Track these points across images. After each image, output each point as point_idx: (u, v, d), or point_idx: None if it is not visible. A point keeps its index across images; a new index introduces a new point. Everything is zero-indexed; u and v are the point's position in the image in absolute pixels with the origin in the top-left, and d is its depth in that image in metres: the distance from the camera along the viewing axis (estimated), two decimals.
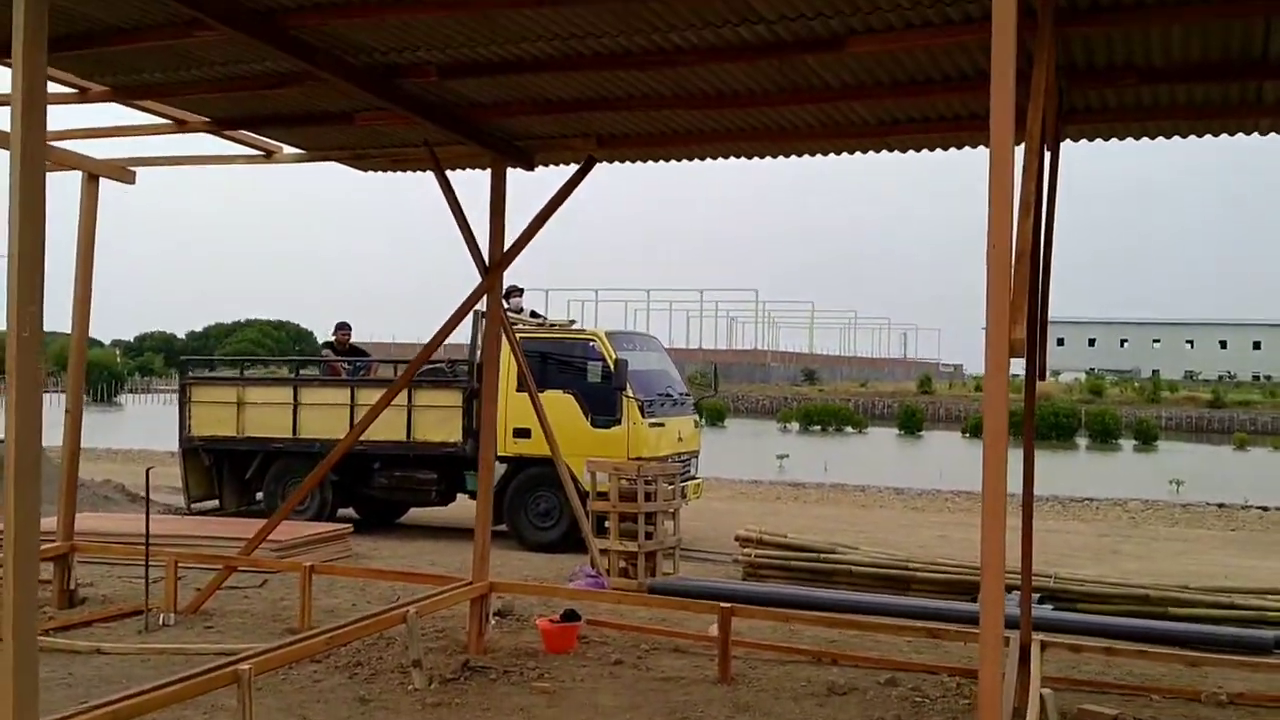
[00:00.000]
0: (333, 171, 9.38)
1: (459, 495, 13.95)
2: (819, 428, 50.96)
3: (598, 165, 8.66)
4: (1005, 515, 3.73)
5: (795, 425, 51.90)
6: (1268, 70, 6.44)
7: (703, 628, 8.52)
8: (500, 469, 12.59)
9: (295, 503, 9.32)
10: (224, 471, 14.59)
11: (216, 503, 14.76)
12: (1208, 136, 7.82)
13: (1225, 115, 7.30)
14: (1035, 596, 9.60)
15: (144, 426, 34.46)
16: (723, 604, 7.78)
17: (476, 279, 8.47)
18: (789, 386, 73.33)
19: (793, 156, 8.62)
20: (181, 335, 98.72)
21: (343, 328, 15.22)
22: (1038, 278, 6.91)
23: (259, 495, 14.56)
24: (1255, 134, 7.67)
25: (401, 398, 12.71)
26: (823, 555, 11.03)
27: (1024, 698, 6.25)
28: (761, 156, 8.64)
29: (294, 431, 13.88)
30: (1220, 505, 20.13)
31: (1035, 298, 6.90)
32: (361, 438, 9.07)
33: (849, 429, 50.92)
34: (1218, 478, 27.78)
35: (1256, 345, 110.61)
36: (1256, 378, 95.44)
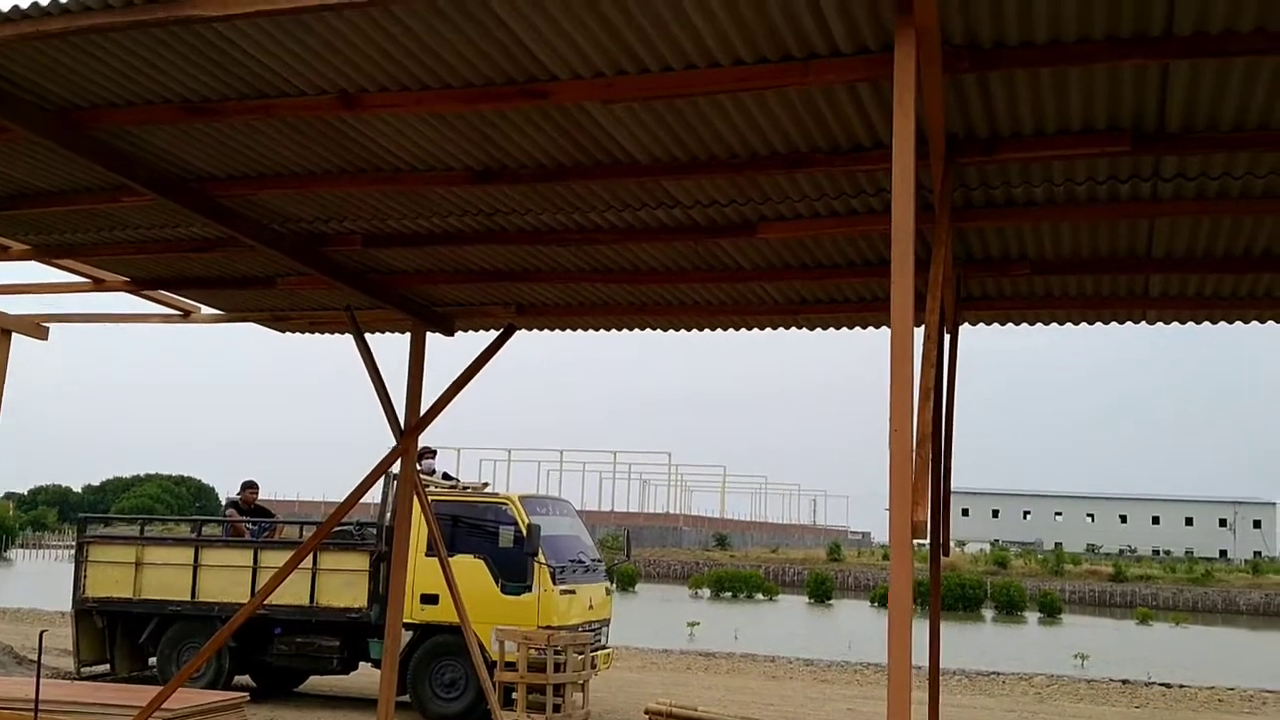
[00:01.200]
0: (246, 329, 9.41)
1: (361, 663, 13.55)
2: (730, 594, 50.55)
3: (517, 331, 8.84)
4: (910, 692, 3.80)
5: (707, 591, 51.43)
6: (1153, 265, 6.88)
7: None
8: (406, 636, 12.31)
9: (192, 670, 8.98)
10: (117, 634, 14.02)
11: (108, 667, 14.12)
12: (1098, 324, 8.27)
13: (1115, 305, 7.74)
14: None
15: (35, 584, 32.99)
16: None
17: (389, 437, 8.48)
18: (701, 551, 73.00)
19: (705, 330, 8.89)
20: (78, 489, 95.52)
21: (249, 486, 14.95)
22: (940, 456, 7.16)
23: (152, 660, 13.98)
24: (1144, 323, 8.12)
25: (306, 560, 12.44)
26: None
27: None
28: (675, 329, 8.91)
29: (193, 594, 13.45)
30: (1124, 681, 20.28)
31: (938, 476, 7.13)
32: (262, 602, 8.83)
33: (760, 595, 50.60)
34: (1121, 653, 28.08)
35: (1155, 520, 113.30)
36: (1156, 552, 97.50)
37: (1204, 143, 5.03)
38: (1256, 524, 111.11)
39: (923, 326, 4.61)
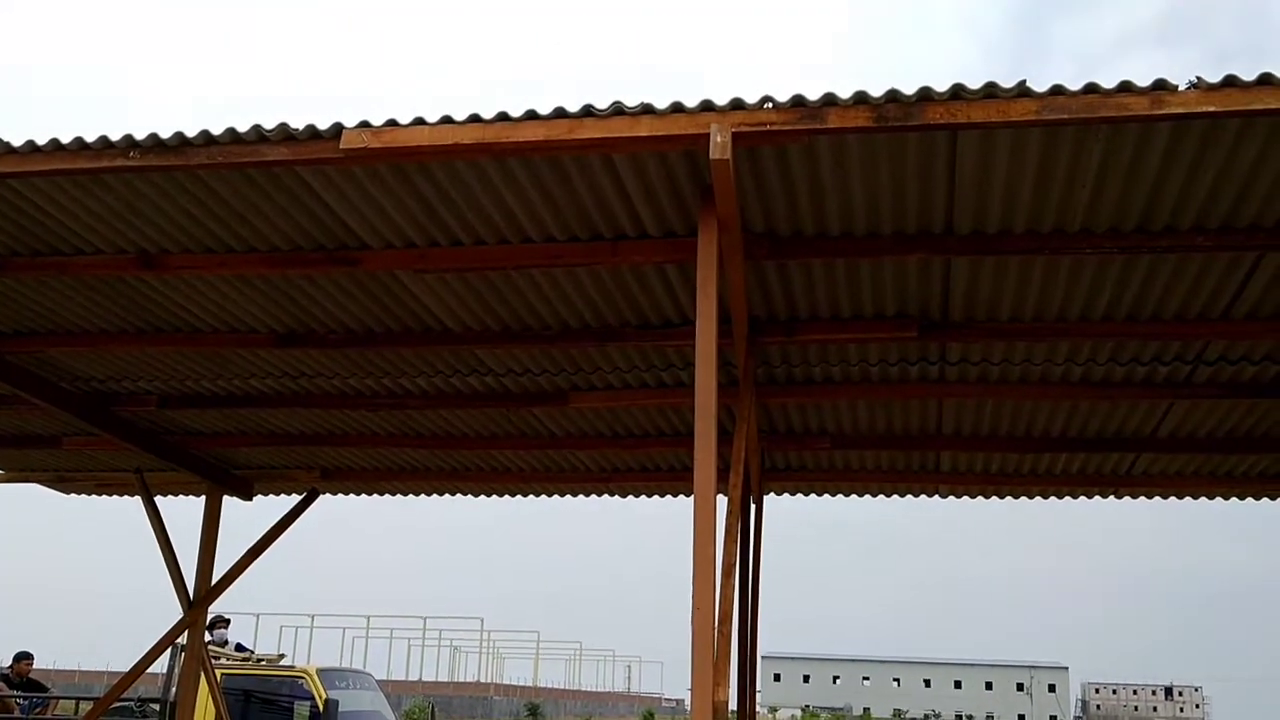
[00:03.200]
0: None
1: None
2: None
3: (321, 495, 8.56)
4: None
5: None
6: (943, 442, 7.22)
7: None
8: None
9: None
10: None
11: None
12: (895, 497, 8.57)
13: (909, 479, 8.05)
14: None
15: None
16: None
17: (177, 606, 8.01)
18: None
19: (517, 496, 8.81)
20: None
21: (23, 657, 13.70)
22: (746, 625, 7.20)
23: None
24: (936, 496, 8.45)
25: None
26: None
27: None
28: (487, 495, 8.80)
29: None
30: None
31: (745, 644, 7.16)
32: None
33: None
34: None
35: (957, 684, 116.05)
36: (958, 716, 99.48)
37: (984, 331, 5.37)
38: (1051, 688, 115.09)
39: (726, 497, 4.68)
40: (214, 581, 8.01)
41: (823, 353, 5.89)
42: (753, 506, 7.45)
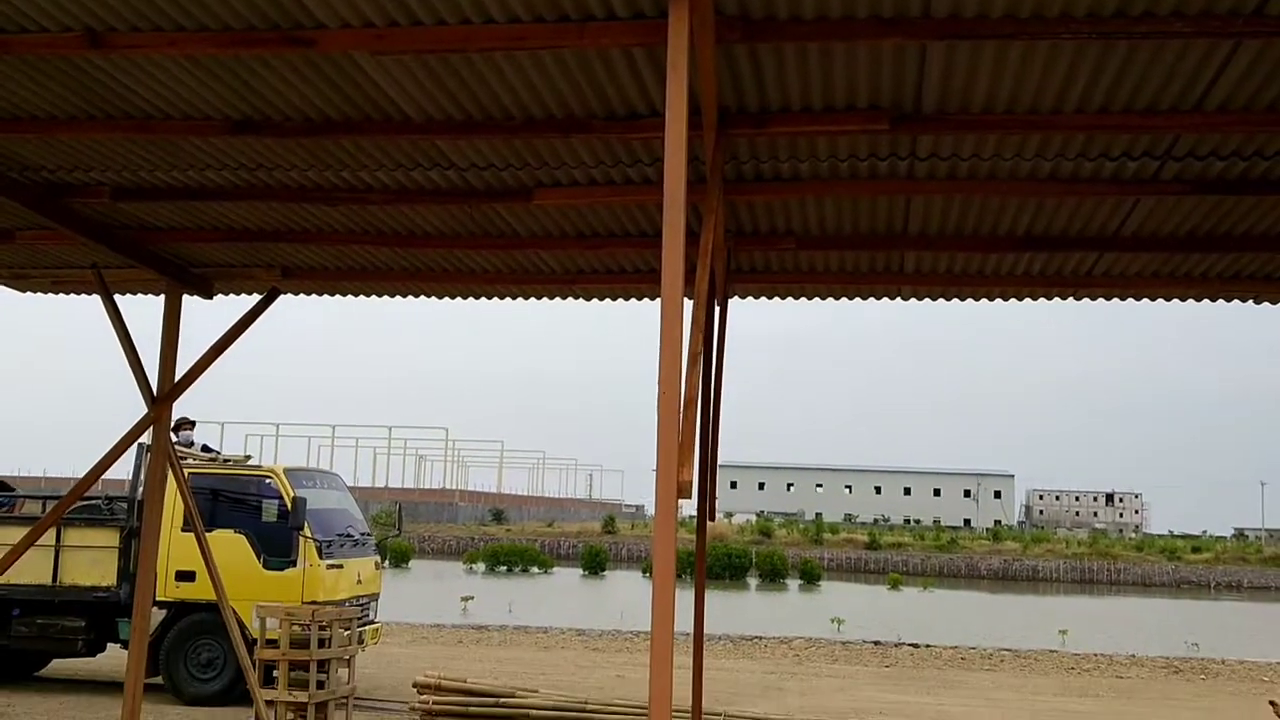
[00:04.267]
0: None
1: (110, 645, 12.80)
2: (505, 568, 50.53)
3: (282, 295, 8.50)
4: (672, 654, 3.86)
5: (481, 566, 51.23)
6: (908, 242, 7.22)
7: None
8: (159, 615, 11.69)
9: None
10: None
11: None
12: (857, 299, 8.63)
13: (873, 281, 8.08)
14: None
15: None
16: None
17: (143, 407, 8.02)
18: (477, 526, 72.60)
19: (481, 299, 8.79)
20: None
21: None
22: (708, 423, 7.33)
23: None
24: (899, 299, 8.51)
25: (49, 536, 11.64)
26: (501, 700, 10.88)
27: None
28: (450, 296, 8.77)
29: None
30: (876, 643, 21.42)
31: (706, 442, 7.29)
32: None
33: (535, 569, 50.75)
34: (874, 616, 29.62)
35: (907, 491, 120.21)
36: (907, 521, 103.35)
37: (956, 124, 5.30)
38: (997, 494, 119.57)
39: (692, 296, 4.68)
40: (177, 379, 7.99)
41: (792, 147, 5.80)
42: (717, 309, 7.47)
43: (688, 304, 4.30)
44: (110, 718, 10.37)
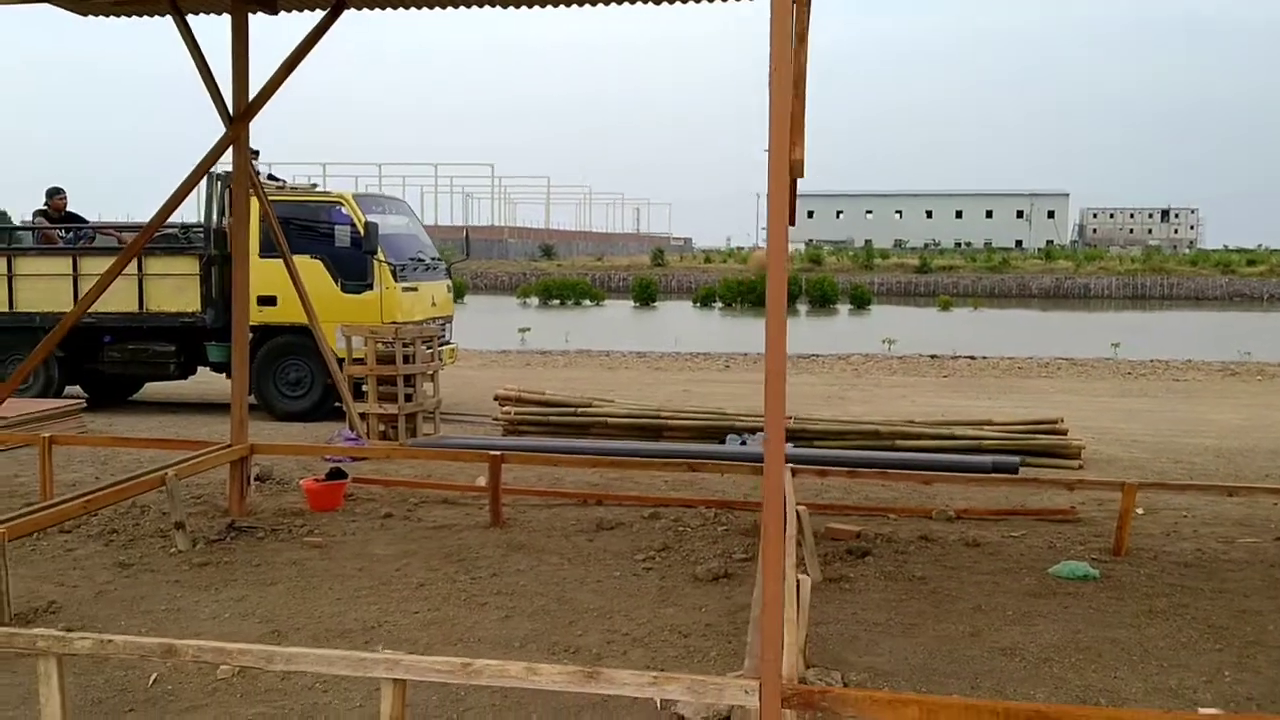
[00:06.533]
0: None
1: (199, 368, 13.37)
2: (558, 302, 51.40)
3: (346, 14, 8.32)
4: (785, 364, 3.94)
5: (535, 300, 52.14)
6: None
7: (469, 482, 8.67)
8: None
9: (18, 380, 8.61)
10: None
11: None
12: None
13: None
14: None
15: None
16: (493, 452, 7.92)
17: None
18: (527, 262, 73.39)
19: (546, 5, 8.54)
20: None
21: (56, 193, 14.02)
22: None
23: None
24: None
25: (132, 267, 11.98)
26: (579, 409, 11.34)
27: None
28: (514, 5, 8.52)
29: (10, 304, 12.83)
30: (933, 356, 21.82)
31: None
32: (88, 310, 8.38)
33: (587, 302, 51.61)
34: (925, 336, 29.99)
35: (958, 214, 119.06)
36: (958, 244, 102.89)
37: None
38: (1050, 214, 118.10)
39: None
40: (251, 98, 7.97)
41: None
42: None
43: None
44: (209, 431, 10.97)
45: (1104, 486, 7.77)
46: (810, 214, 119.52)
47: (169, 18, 7.78)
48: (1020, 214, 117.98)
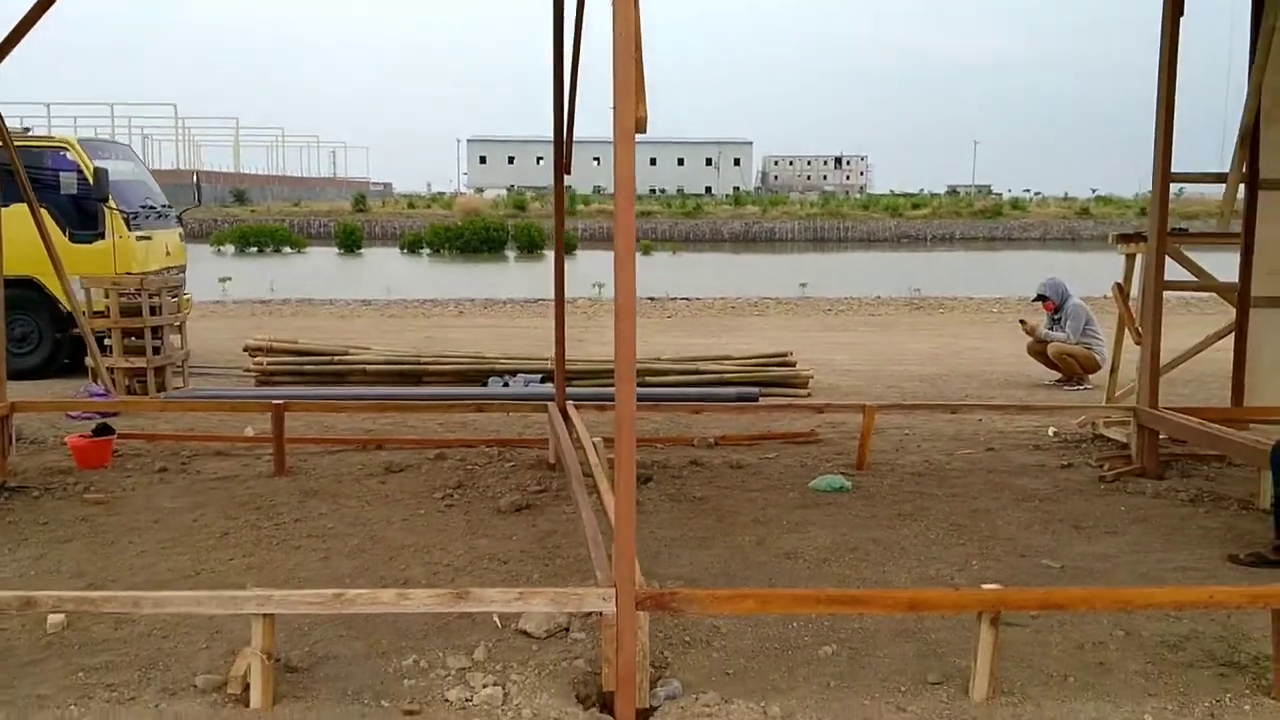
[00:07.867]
0: None
1: None
2: (256, 249, 49.43)
3: None
4: (634, 303, 4.22)
5: (230, 248, 49.87)
6: None
7: (236, 433, 8.65)
8: None
9: None
10: None
11: None
12: None
13: None
14: (538, 377, 10.77)
15: None
16: (275, 401, 7.97)
17: None
18: (218, 208, 69.75)
19: None
20: None
21: None
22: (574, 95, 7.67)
23: None
24: None
25: None
26: (335, 357, 11.38)
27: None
28: None
29: None
30: (651, 299, 22.82)
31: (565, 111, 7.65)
32: None
33: (287, 249, 49.93)
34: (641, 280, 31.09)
35: (653, 161, 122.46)
36: (653, 190, 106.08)
37: None
38: (736, 161, 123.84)
39: None
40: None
41: None
42: None
43: None
44: None
45: (848, 410, 8.74)
46: (511, 159, 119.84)
47: None
48: (709, 161, 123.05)
